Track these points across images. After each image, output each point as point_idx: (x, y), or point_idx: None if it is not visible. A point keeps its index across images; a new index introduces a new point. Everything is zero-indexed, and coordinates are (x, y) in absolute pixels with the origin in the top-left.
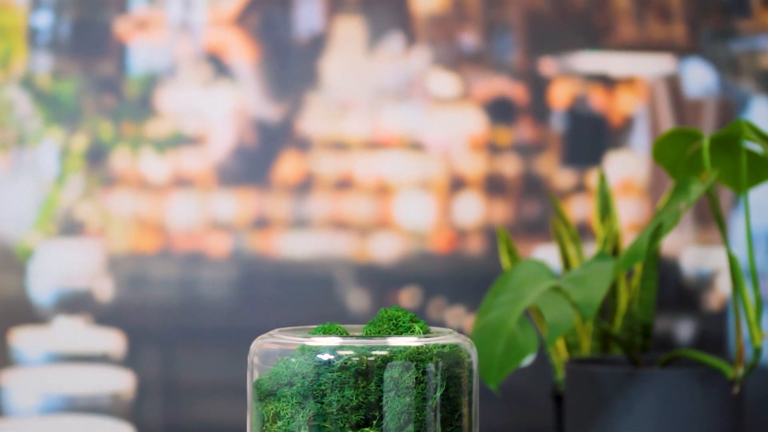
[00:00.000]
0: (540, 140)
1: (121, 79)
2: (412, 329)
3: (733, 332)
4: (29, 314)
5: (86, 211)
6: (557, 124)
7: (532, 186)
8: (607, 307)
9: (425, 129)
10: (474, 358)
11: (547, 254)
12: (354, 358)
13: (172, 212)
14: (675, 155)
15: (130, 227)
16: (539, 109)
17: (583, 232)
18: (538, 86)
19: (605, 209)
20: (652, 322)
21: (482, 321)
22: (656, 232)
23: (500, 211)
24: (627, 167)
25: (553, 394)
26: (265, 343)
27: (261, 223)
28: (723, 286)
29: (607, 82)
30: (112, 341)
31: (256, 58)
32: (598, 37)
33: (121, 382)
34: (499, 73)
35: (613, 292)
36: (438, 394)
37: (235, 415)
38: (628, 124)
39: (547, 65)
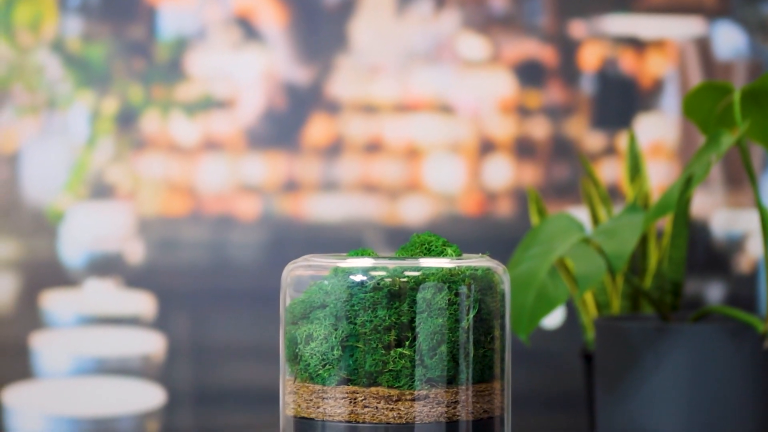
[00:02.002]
0: (570, 103)
1: (151, 42)
2: (444, 253)
3: (764, 292)
4: (60, 277)
5: (116, 174)
6: (587, 86)
7: (562, 149)
8: (637, 267)
9: (455, 92)
10: (506, 283)
11: (577, 216)
12: (387, 279)
13: (202, 175)
14: (706, 110)
15: (161, 190)
16: (569, 71)
17: (613, 194)
18: (568, 49)
19: (635, 169)
20: (682, 280)
21: (512, 274)
22: (687, 183)
23: (530, 174)
24: (657, 130)
25: (583, 354)
26: (297, 267)
27: (291, 186)
28: (754, 249)
29: (636, 44)
30: (143, 303)
31: (285, 22)
32: (628, 0)
33: (152, 344)
34: (529, 36)
35: (642, 251)
36: (471, 315)
37: (264, 377)
38: (657, 86)
39: (577, 28)
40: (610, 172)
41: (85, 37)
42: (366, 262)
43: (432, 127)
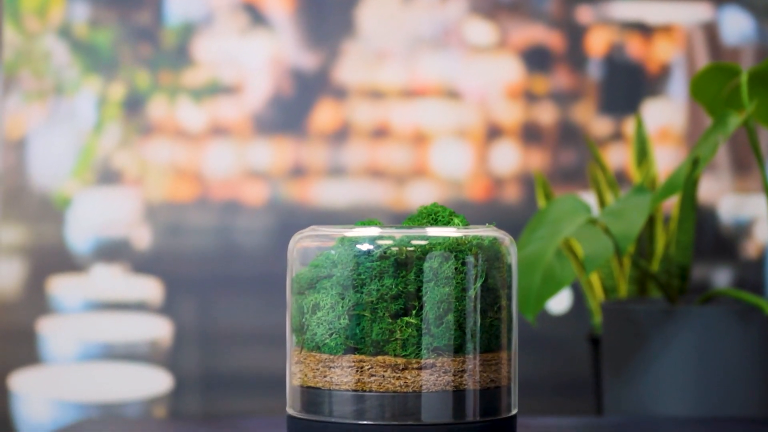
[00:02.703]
0: (576, 88)
1: (158, 28)
2: (451, 222)
3: None
4: (67, 262)
5: (123, 160)
6: (594, 72)
7: (569, 134)
8: (645, 251)
9: (462, 77)
10: (513, 254)
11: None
12: (393, 248)
13: (208, 161)
14: (713, 92)
15: (167, 176)
16: (576, 57)
17: (620, 179)
18: (575, 34)
19: (642, 153)
20: (690, 263)
21: (519, 255)
22: (694, 164)
23: (537, 159)
24: (664, 115)
25: (590, 338)
26: (304, 238)
27: (297, 172)
28: (761, 234)
29: (644, 29)
30: (150, 289)
31: (292, 7)
32: None
33: (159, 329)
34: (536, 21)
35: (650, 236)
36: (478, 284)
37: (271, 362)
38: (665, 72)
39: (584, 13)
40: (617, 157)
41: (92, 23)
42: (373, 231)
43: (439, 113)
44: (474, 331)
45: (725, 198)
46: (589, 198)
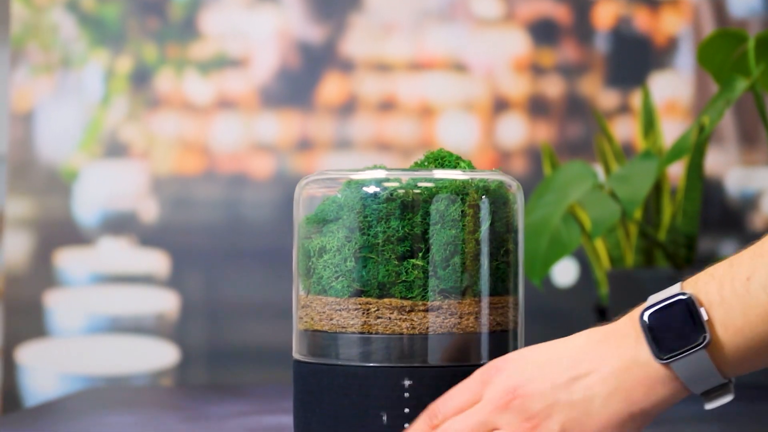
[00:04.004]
0: (584, 61)
1: (165, 1)
2: (458, 166)
3: None
4: (74, 235)
5: (130, 133)
6: (601, 45)
7: (576, 107)
8: (651, 221)
9: (468, 50)
10: (520, 199)
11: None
12: (400, 190)
13: (215, 134)
14: (720, 59)
15: (174, 149)
16: (583, 30)
17: (627, 152)
18: (582, 7)
19: (649, 125)
20: (696, 233)
21: (526, 221)
22: (701, 128)
23: (543, 132)
24: (671, 88)
25: (596, 309)
26: (310, 180)
27: (304, 145)
28: None
29: (651, 2)
30: (157, 262)
31: None
32: None
33: (165, 302)
34: None
35: (656, 206)
36: (484, 227)
37: (278, 335)
38: (672, 44)
39: None
40: (624, 130)
41: None
42: (379, 173)
43: (445, 86)
44: (480, 273)
45: (732, 170)
46: (596, 169)
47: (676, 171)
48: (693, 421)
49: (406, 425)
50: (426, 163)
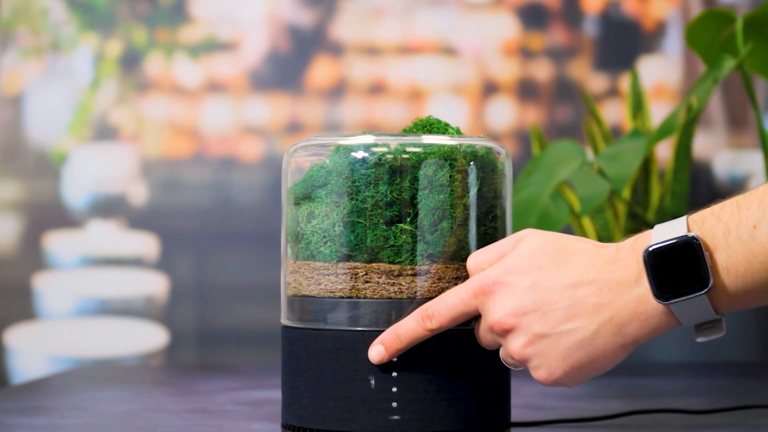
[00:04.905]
0: (572, 45)
1: None
2: (447, 132)
3: None
4: (63, 218)
5: (120, 116)
6: (590, 29)
7: (565, 90)
8: (641, 203)
9: (458, 34)
10: (508, 166)
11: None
12: (388, 156)
13: (205, 117)
14: (708, 39)
15: (164, 132)
16: (572, 14)
17: (615, 134)
18: None
19: (638, 107)
20: (685, 214)
21: (515, 200)
22: (689, 106)
23: (533, 115)
24: (659, 72)
25: None
26: (299, 147)
27: (294, 128)
28: None
29: None
30: (146, 244)
31: None
32: None
33: (155, 285)
34: None
35: (645, 188)
36: (472, 192)
37: (267, 318)
38: (660, 28)
39: None
40: (613, 113)
41: None
42: (367, 139)
43: (435, 69)
44: (468, 238)
45: (721, 153)
46: (585, 151)
47: (665, 153)
48: (683, 394)
49: (393, 389)
50: (414, 130)
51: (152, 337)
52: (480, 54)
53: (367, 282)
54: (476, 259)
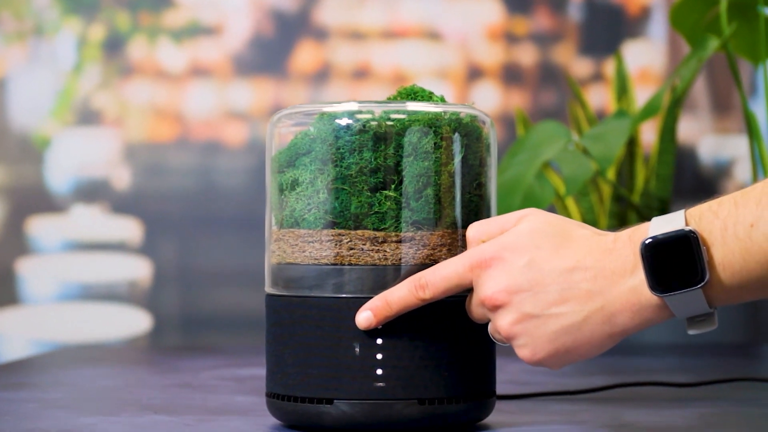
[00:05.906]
0: (557, 30)
1: None
2: (431, 100)
3: None
4: (47, 203)
5: (103, 101)
6: (574, 13)
7: (550, 75)
8: (625, 186)
9: (443, 19)
10: (493, 134)
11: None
12: (372, 122)
13: (189, 101)
14: (693, 21)
15: (148, 116)
16: None
17: (600, 118)
18: None
19: (622, 90)
20: (670, 197)
21: (499, 180)
22: (674, 87)
23: (517, 100)
24: (644, 57)
25: None
26: (282, 116)
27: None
28: (741, 174)
29: None
30: (129, 229)
31: None
32: None
33: (138, 269)
34: None
35: (630, 171)
36: (457, 160)
37: (251, 302)
38: (645, 13)
39: None
40: (598, 97)
41: None
42: (351, 106)
43: (420, 54)
44: (453, 205)
45: (705, 138)
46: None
47: (650, 138)
48: (670, 371)
49: (378, 356)
50: (399, 98)
51: (136, 321)
52: (465, 38)
53: (351, 249)
54: (476, 230)
